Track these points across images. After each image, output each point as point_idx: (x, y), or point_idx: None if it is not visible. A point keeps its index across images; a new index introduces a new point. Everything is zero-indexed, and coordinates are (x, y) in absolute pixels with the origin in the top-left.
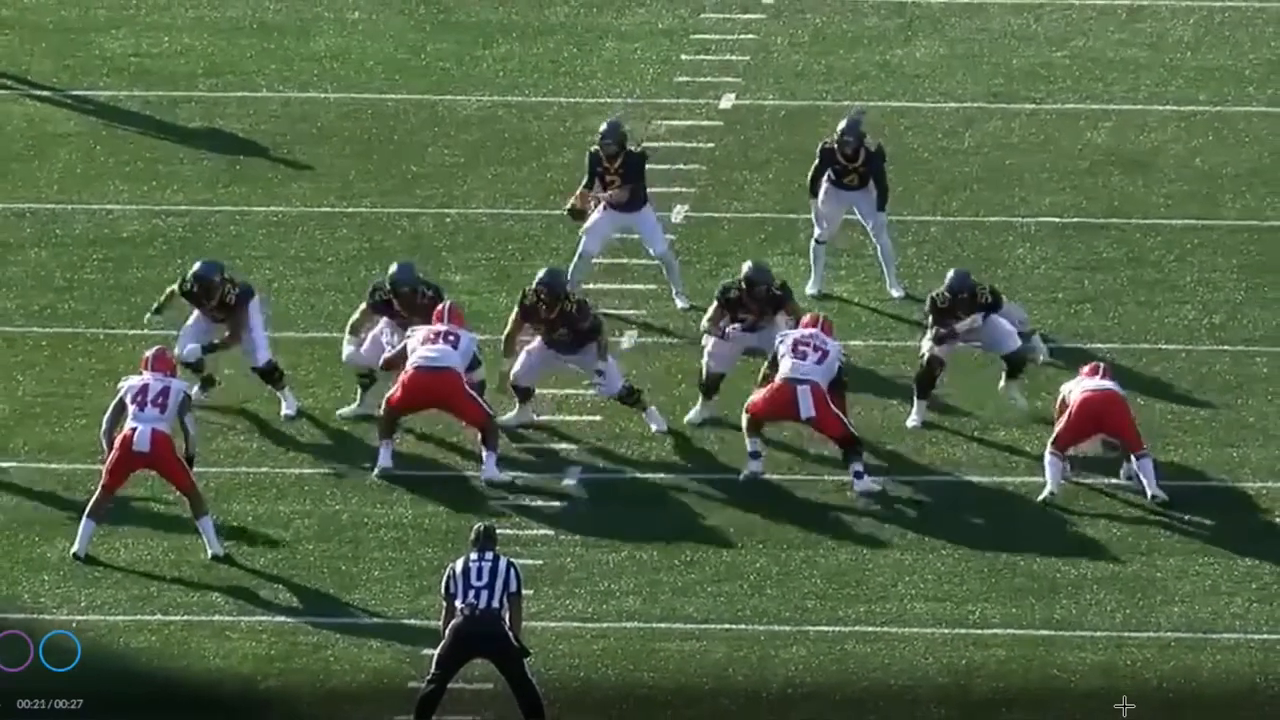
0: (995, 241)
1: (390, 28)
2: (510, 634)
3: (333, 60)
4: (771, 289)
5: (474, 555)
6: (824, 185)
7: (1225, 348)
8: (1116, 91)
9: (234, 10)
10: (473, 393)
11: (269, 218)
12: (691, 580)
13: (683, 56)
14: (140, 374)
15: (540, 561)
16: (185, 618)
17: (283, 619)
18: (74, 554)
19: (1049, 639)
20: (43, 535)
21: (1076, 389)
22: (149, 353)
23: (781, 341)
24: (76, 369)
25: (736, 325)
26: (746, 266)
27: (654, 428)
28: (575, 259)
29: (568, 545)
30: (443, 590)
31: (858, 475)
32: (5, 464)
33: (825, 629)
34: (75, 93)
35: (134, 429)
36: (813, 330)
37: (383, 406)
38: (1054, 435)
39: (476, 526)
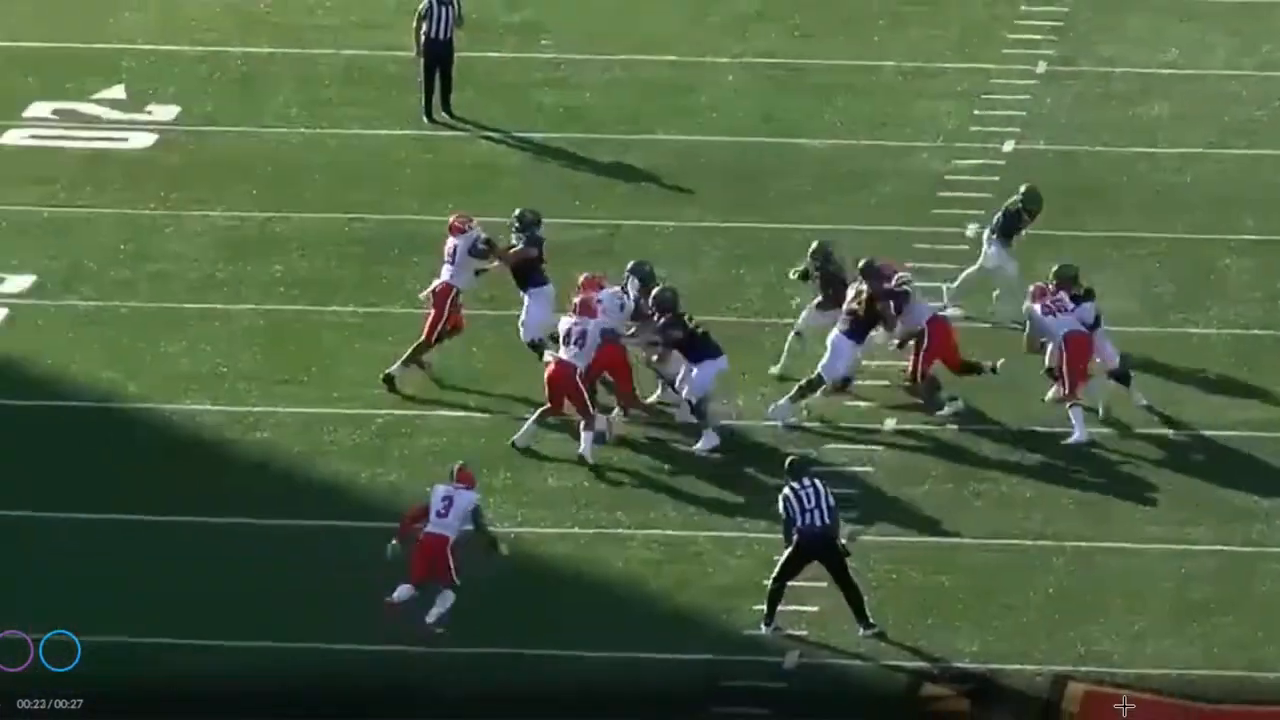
0: (1210, 253)
1: (755, 88)
2: (838, 542)
3: (712, 112)
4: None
5: (795, 484)
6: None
7: None
8: None
9: (640, 73)
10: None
11: (662, 230)
12: (976, 506)
13: (975, 111)
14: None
15: (860, 491)
16: (596, 530)
17: (669, 532)
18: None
19: (1248, 554)
20: (490, 468)
21: (1063, 324)
22: (577, 298)
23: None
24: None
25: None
26: (862, 263)
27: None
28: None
29: (881, 478)
30: (782, 511)
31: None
32: (474, 413)
33: (1078, 544)
34: (517, 134)
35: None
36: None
37: None
38: (1069, 387)
39: (789, 459)
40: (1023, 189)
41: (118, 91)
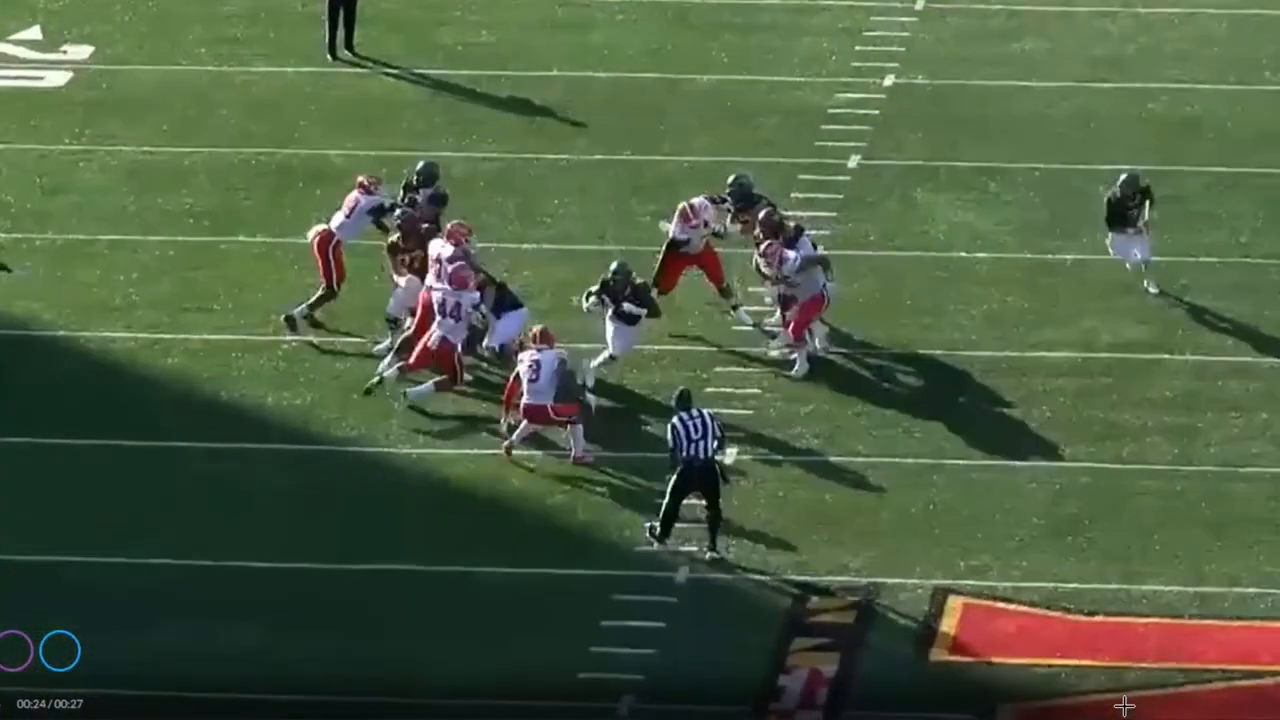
0: (1081, 181)
1: (645, 26)
2: (719, 470)
3: (604, 49)
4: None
5: (684, 414)
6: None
7: (1249, 260)
8: (1170, 74)
9: (533, 13)
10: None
11: (556, 163)
12: (861, 426)
13: (857, 47)
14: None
15: (749, 411)
16: (491, 451)
17: (564, 452)
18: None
19: (1119, 471)
20: (392, 394)
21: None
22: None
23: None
24: None
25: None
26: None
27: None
28: None
29: (767, 400)
30: (669, 440)
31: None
32: (377, 340)
33: (956, 462)
34: (417, 71)
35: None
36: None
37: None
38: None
39: (678, 390)
40: (1120, 180)
41: (34, 32)
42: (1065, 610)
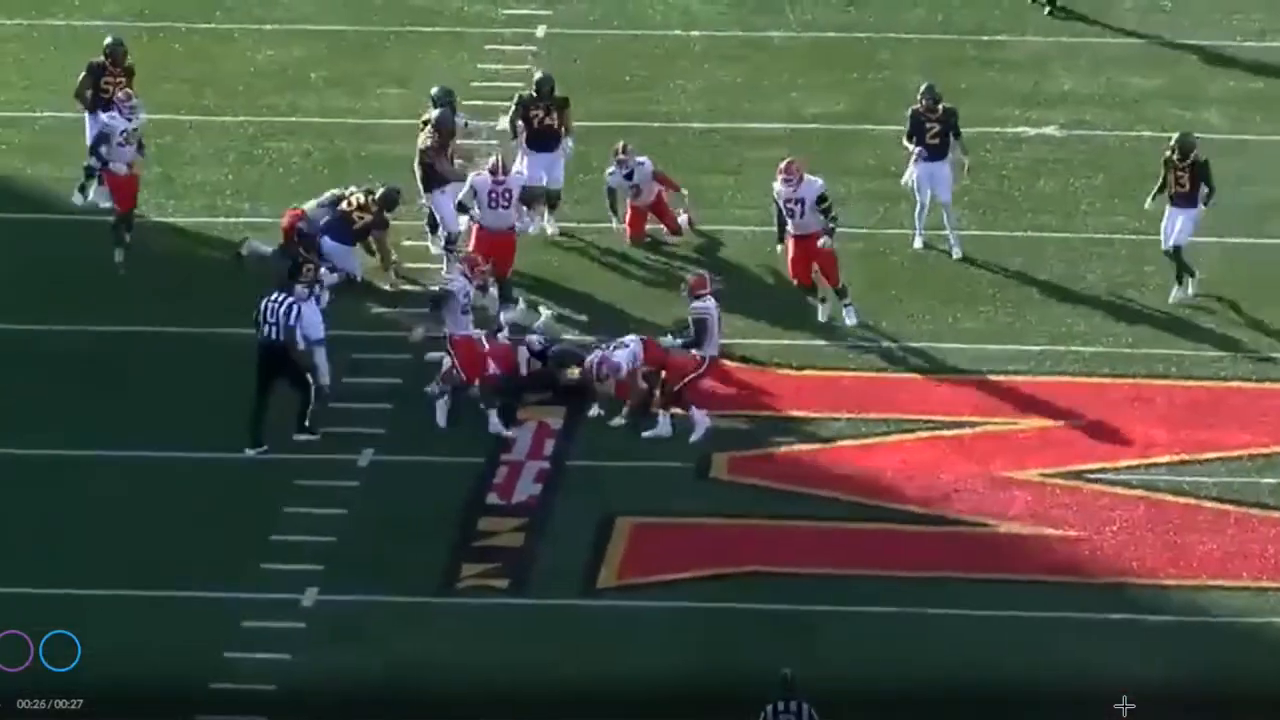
0: None
1: None
2: (293, 357)
3: None
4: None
5: (271, 295)
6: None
7: (945, 36)
8: None
9: None
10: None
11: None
12: (579, 197)
13: None
14: None
15: None
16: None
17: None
18: None
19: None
20: None
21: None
22: None
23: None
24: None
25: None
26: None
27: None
28: None
29: None
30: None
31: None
32: None
33: (659, 227)
34: None
35: None
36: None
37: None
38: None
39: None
40: (920, 89)
41: None
42: (778, 365)
